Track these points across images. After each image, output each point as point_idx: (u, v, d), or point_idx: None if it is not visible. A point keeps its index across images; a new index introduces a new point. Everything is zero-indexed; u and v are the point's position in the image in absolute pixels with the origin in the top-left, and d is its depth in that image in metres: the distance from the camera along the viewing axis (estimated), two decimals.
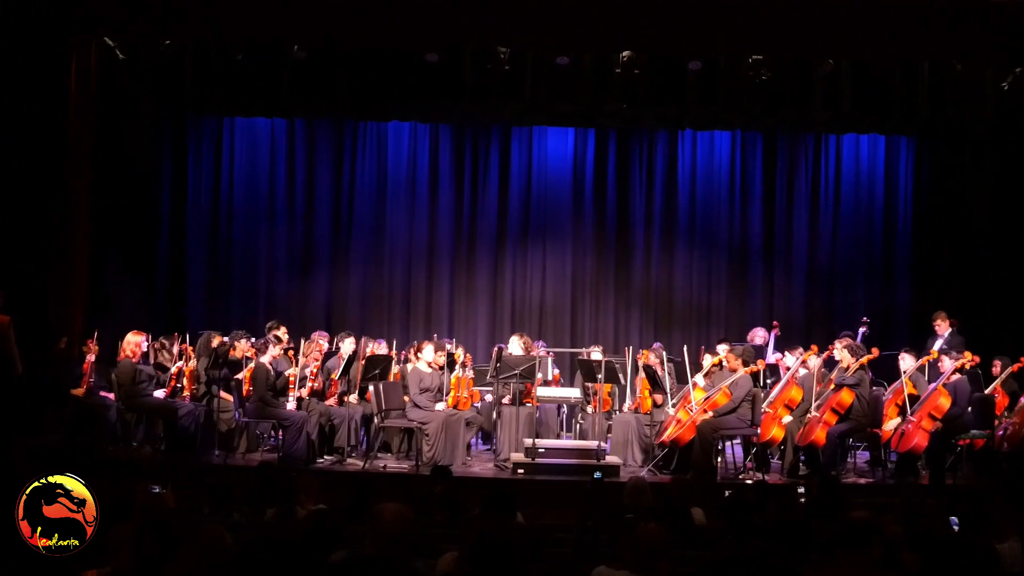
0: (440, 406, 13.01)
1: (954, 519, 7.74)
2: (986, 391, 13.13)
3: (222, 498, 8.81)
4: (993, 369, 13.43)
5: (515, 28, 13.61)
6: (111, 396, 13.14)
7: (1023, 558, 6.67)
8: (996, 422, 12.83)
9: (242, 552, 5.49)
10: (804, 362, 13.27)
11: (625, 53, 14.13)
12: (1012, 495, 10.64)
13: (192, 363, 13.41)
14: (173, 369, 13.27)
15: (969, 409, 12.71)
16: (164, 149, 17.27)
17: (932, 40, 13.52)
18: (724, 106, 14.95)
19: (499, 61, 14.20)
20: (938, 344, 14.18)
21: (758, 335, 15.72)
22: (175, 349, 13.63)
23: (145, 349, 13.22)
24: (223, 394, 13.28)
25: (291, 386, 12.87)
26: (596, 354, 13.95)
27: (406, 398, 13.13)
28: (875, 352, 12.93)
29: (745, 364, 12.68)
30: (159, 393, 13.02)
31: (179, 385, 13.18)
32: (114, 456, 12.57)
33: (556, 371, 15.14)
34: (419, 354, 13.43)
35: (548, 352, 15.01)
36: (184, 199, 17.42)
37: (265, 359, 12.83)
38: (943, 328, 14.53)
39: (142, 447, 13.36)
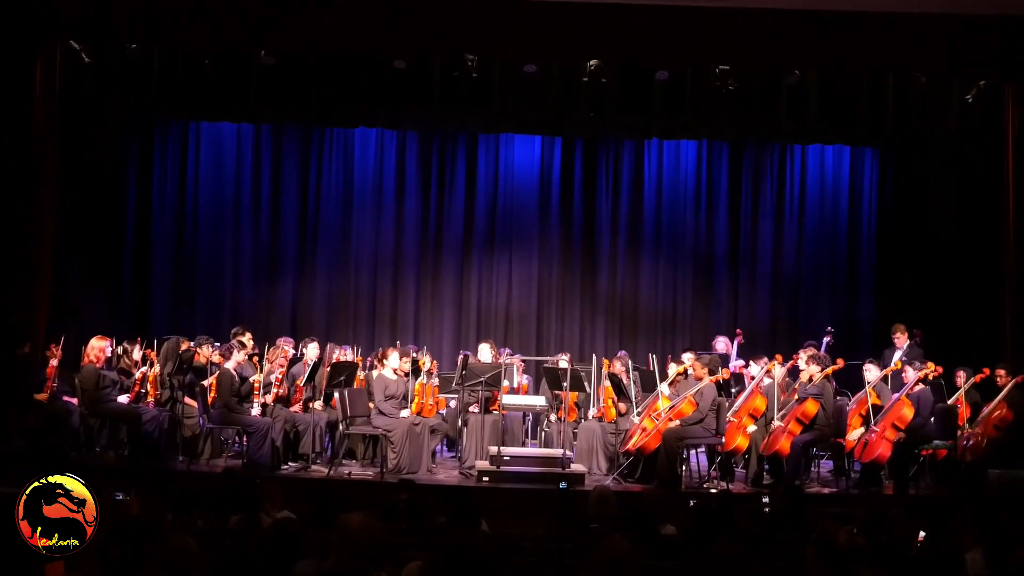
0: (404, 413, 12.99)
1: (922, 533, 7.77)
2: (949, 401, 13.19)
3: (186, 504, 8.76)
4: (956, 380, 13.50)
5: (483, 36, 13.62)
6: (74, 401, 13.05)
7: (986, 569, 6.70)
8: (958, 432, 12.89)
9: (209, 563, 5.47)
10: (768, 371, 13.32)
11: (593, 62, 14.20)
12: (974, 505, 10.72)
13: (156, 368, 13.34)
14: (137, 374, 13.19)
15: (932, 419, 12.78)
16: (130, 153, 17.15)
17: (897, 52, 13.62)
18: (691, 115, 15.04)
19: (467, 69, 14.25)
20: (896, 356, 14.26)
21: (720, 343, 15.79)
22: (136, 354, 13.53)
23: (109, 354, 13.16)
24: (187, 400, 13.23)
25: (256, 392, 12.82)
26: (563, 362, 13.96)
27: (371, 405, 13.11)
28: (840, 363, 13.03)
29: (711, 373, 12.74)
30: (123, 398, 12.95)
31: (143, 390, 13.10)
32: (77, 461, 12.49)
33: (525, 381, 15.15)
34: (384, 361, 13.42)
35: (520, 360, 15.06)
36: (150, 204, 17.31)
37: (230, 365, 12.77)
38: (901, 340, 14.61)
39: (105, 453, 13.28)
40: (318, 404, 13.53)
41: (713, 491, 12.23)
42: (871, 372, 13.04)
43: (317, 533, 6.35)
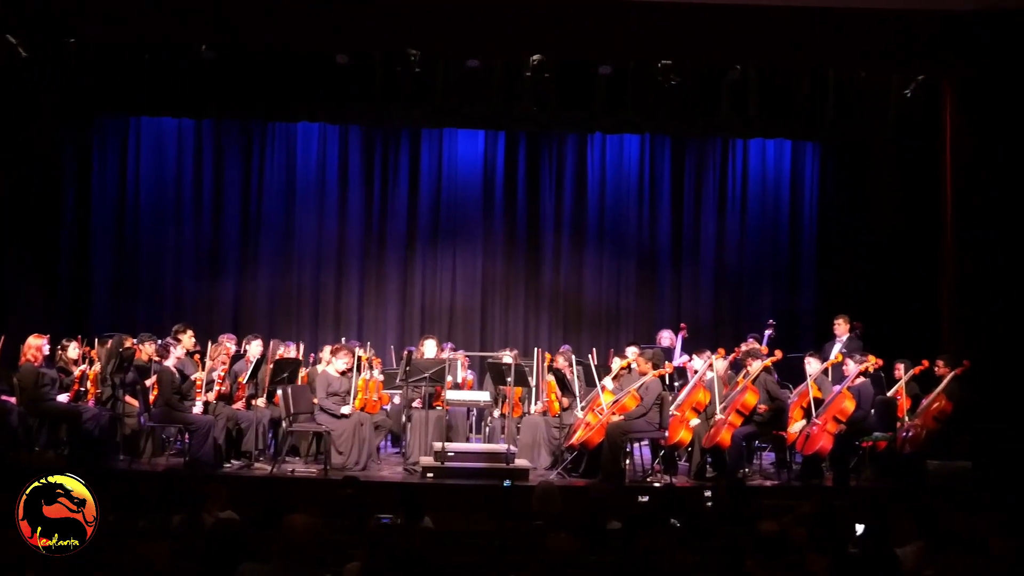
0: (345, 410, 12.88)
1: (860, 526, 7.85)
2: (889, 394, 13.32)
3: (127, 504, 8.68)
4: (896, 372, 13.63)
5: (426, 31, 13.57)
6: (13, 400, 12.90)
7: (926, 561, 6.77)
8: (898, 424, 13.02)
9: None
10: (710, 365, 13.37)
11: (535, 57, 14.21)
12: (913, 497, 10.84)
13: (96, 366, 13.21)
14: (76, 372, 13.06)
15: (872, 412, 12.90)
16: (68, 148, 16.93)
17: (837, 48, 13.71)
18: (633, 110, 15.13)
19: (409, 64, 14.22)
20: (836, 347, 14.34)
21: (664, 337, 15.83)
22: (73, 352, 13.33)
23: (47, 352, 13.00)
24: (128, 398, 13.10)
25: (198, 390, 12.74)
26: (507, 357, 13.95)
27: (315, 400, 13.05)
28: (779, 354, 13.11)
29: (655, 367, 12.76)
30: (62, 397, 12.81)
31: (83, 389, 12.97)
32: (15, 461, 12.37)
33: (470, 376, 15.16)
34: (332, 357, 13.34)
35: (464, 356, 15.07)
36: (89, 199, 17.12)
37: (170, 362, 12.67)
38: (842, 331, 14.65)
39: (45, 452, 13.12)
40: (261, 401, 13.46)
41: (657, 485, 12.28)
42: (812, 365, 13.11)
43: (261, 533, 6.32)
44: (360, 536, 7.49)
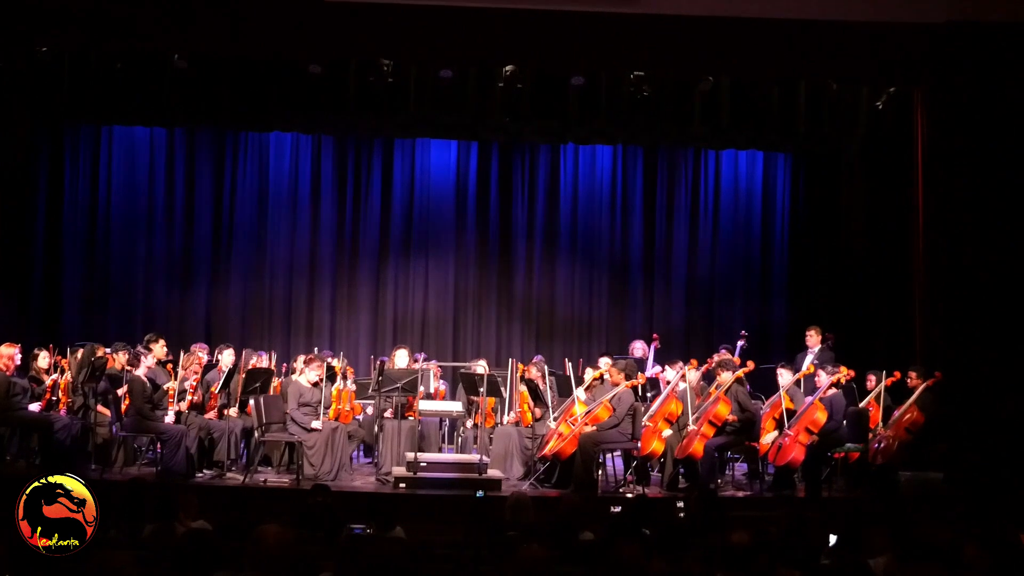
0: (316, 424, 12.80)
1: (832, 537, 7.86)
2: (860, 405, 13.37)
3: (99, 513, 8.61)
4: (867, 383, 13.70)
5: (399, 41, 13.59)
6: None
7: (898, 572, 6.79)
8: (870, 435, 13.06)
9: None
10: (683, 376, 13.38)
11: (508, 67, 14.21)
12: (885, 508, 10.87)
13: (67, 375, 13.13)
14: (48, 382, 12.98)
15: (844, 423, 12.92)
16: (40, 157, 16.86)
17: (809, 60, 13.79)
18: (606, 121, 15.11)
19: (383, 73, 14.21)
20: (808, 358, 14.39)
21: (637, 348, 15.85)
22: (43, 361, 13.23)
23: (19, 361, 12.93)
24: (100, 408, 13.04)
25: (170, 399, 12.69)
26: (480, 368, 13.93)
27: (287, 410, 13.01)
28: (751, 365, 13.16)
29: (627, 378, 12.77)
30: (34, 406, 12.73)
31: (54, 398, 12.90)
32: None
33: (442, 386, 15.13)
34: (305, 367, 13.29)
35: (436, 366, 15.04)
36: (60, 209, 17.06)
37: (140, 371, 12.63)
38: (814, 342, 14.71)
39: (16, 461, 13.05)
40: (233, 411, 13.42)
41: (629, 495, 12.28)
42: (784, 376, 13.12)
43: (233, 543, 6.30)
44: (332, 546, 7.47)
